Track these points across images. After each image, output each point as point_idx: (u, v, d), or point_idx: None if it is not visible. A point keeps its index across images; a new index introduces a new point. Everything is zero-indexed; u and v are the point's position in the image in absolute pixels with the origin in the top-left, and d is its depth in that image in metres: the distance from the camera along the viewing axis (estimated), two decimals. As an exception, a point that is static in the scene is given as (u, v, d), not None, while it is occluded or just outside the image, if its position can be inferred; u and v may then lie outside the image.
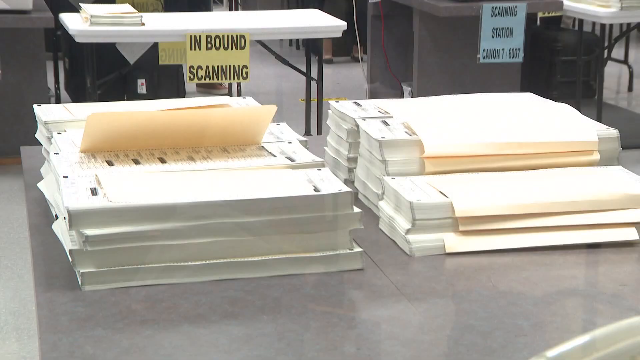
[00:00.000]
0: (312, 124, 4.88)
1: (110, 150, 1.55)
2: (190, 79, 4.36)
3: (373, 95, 5.52)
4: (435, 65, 4.90)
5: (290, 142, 1.65)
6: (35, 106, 1.81)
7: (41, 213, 1.59)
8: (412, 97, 5.08)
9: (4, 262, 3.70)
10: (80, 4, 4.50)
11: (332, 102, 1.80)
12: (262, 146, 1.62)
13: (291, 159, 1.56)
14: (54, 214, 1.53)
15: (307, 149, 1.63)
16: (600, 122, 1.75)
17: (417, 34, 4.91)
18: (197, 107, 1.72)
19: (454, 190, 1.48)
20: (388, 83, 5.48)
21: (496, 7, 4.57)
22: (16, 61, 4.57)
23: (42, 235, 1.49)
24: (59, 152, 1.55)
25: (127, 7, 4.49)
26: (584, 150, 1.63)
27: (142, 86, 5.37)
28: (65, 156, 1.53)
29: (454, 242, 1.44)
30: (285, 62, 4.85)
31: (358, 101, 1.85)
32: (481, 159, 1.59)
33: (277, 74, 6.59)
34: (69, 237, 1.35)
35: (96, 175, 1.42)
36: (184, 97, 5.67)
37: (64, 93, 5.67)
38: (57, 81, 5.56)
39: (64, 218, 1.31)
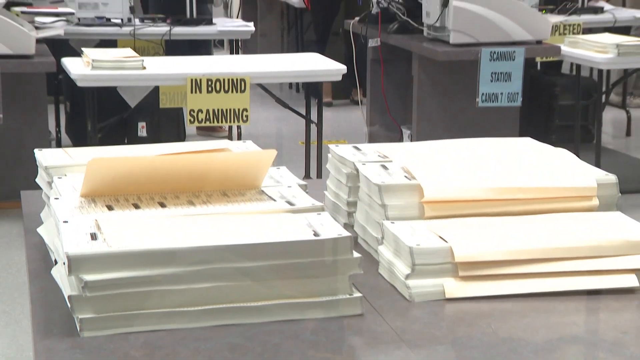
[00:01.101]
0: (312, 166, 4.89)
1: (110, 194, 1.56)
2: (191, 122, 4.38)
3: (372, 138, 5.54)
4: (434, 109, 4.92)
5: (290, 186, 1.65)
6: (36, 151, 1.81)
7: (40, 258, 1.59)
8: (411, 140, 5.10)
9: (1, 308, 3.68)
10: (83, 49, 4.53)
11: (332, 146, 1.81)
12: (262, 190, 1.63)
13: (291, 203, 1.56)
14: (53, 259, 1.53)
15: (306, 192, 1.63)
16: (599, 166, 1.76)
17: (417, 78, 4.94)
18: (197, 152, 1.73)
19: (454, 235, 1.48)
20: (387, 126, 5.51)
21: (495, 52, 4.61)
22: (18, 105, 4.60)
23: (41, 281, 1.49)
24: (59, 196, 1.56)
25: (128, 51, 4.53)
26: (582, 196, 1.63)
27: (142, 129, 5.39)
28: (66, 201, 1.53)
29: (454, 287, 1.44)
30: (285, 105, 4.87)
31: (357, 145, 1.86)
32: (481, 203, 1.59)
33: (277, 116, 6.62)
34: (68, 283, 1.35)
35: (96, 220, 1.42)
36: (184, 139, 5.68)
37: (64, 136, 5.69)
38: (57, 124, 5.58)
39: (64, 263, 1.30)
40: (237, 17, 6.70)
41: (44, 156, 1.78)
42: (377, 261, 1.57)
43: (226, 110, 4.36)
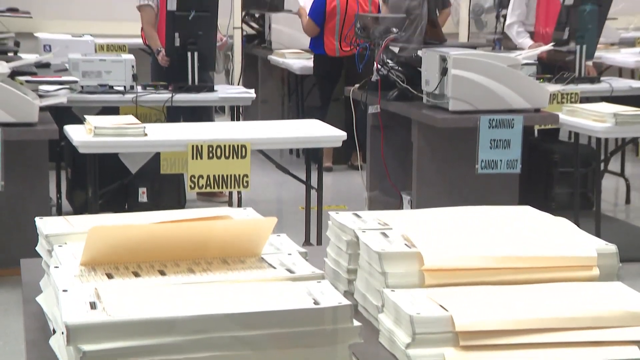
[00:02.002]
0: (312, 232, 4.89)
1: (110, 262, 1.56)
2: (191, 188, 4.39)
3: (372, 203, 5.55)
4: (434, 175, 4.94)
5: (290, 254, 1.65)
6: (37, 219, 1.82)
7: (39, 327, 1.58)
8: (411, 206, 5.10)
9: (-2, 376, 3.64)
10: (85, 116, 4.57)
11: (332, 214, 1.82)
12: (262, 258, 1.63)
13: (291, 271, 1.56)
14: (52, 329, 1.52)
15: (307, 260, 1.63)
16: (599, 234, 1.76)
17: (416, 144, 4.97)
18: (198, 219, 1.74)
19: (455, 304, 1.47)
20: (387, 191, 5.52)
21: (493, 120, 4.65)
22: (19, 172, 4.61)
23: (39, 350, 1.48)
24: (59, 265, 1.56)
25: (130, 118, 4.56)
26: (583, 266, 1.63)
27: (143, 195, 5.41)
28: (65, 269, 1.53)
29: (455, 357, 1.43)
30: (285, 170, 4.89)
31: (357, 212, 1.87)
32: (481, 272, 1.59)
33: (278, 181, 6.64)
34: (67, 353, 1.34)
35: (96, 289, 1.42)
36: (184, 204, 5.69)
37: (65, 202, 5.70)
38: (58, 191, 5.59)
39: (62, 333, 1.30)
40: (239, 84, 6.77)
41: (45, 224, 1.78)
42: (377, 330, 1.56)
43: (227, 176, 4.37)
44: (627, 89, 5.83)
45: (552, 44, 5.55)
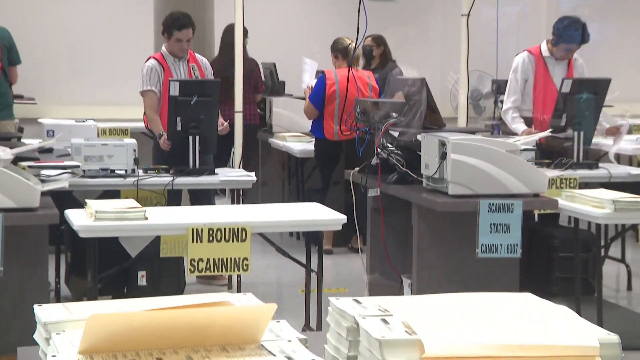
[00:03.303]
0: (312, 315, 4.85)
1: (109, 351, 1.54)
2: (191, 272, 4.38)
3: (372, 286, 5.53)
4: (434, 259, 4.93)
5: (290, 341, 1.64)
6: (35, 306, 1.81)
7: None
8: (411, 289, 5.08)
9: None
10: (86, 200, 4.59)
11: (332, 299, 1.81)
12: (262, 345, 1.61)
13: (290, 359, 1.55)
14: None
15: (306, 347, 1.62)
16: (601, 321, 1.75)
17: (416, 227, 4.97)
18: (197, 305, 1.73)
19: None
20: (387, 275, 5.50)
21: (493, 204, 4.66)
22: (18, 257, 4.59)
23: None
24: (56, 354, 1.54)
25: (131, 202, 4.58)
26: (585, 356, 1.61)
27: (142, 278, 5.39)
28: (63, 359, 1.51)
29: None
30: (285, 253, 4.89)
31: (358, 298, 1.86)
32: (482, 360, 1.58)
33: (277, 264, 6.62)
34: None
35: (93, 378, 1.41)
36: (184, 287, 5.66)
37: (63, 286, 5.67)
38: (57, 275, 5.57)
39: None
40: (239, 167, 6.81)
41: (43, 311, 1.77)
42: (378, 419, 1.54)
43: (227, 259, 4.37)
44: (626, 176, 5.87)
45: (549, 130, 5.61)
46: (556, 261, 5.70)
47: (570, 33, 6.24)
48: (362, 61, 7.79)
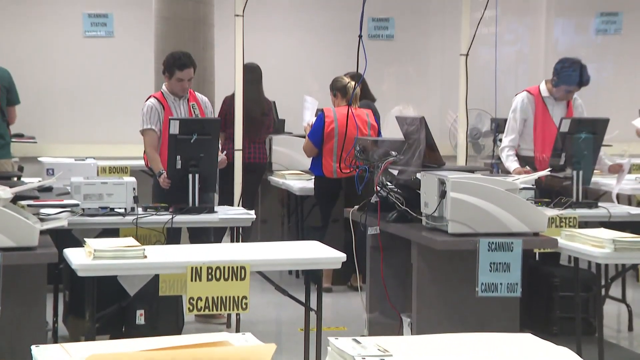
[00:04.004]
0: (311, 354, 4.82)
1: (107, 391, 1.53)
2: (190, 310, 4.36)
3: (372, 325, 5.50)
4: (434, 297, 4.91)
5: (289, 382, 1.63)
6: (33, 347, 1.80)
7: None
8: (411, 328, 5.05)
9: None
10: (85, 239, 4.58)
11: (332, 339, 1.80)
12: (261, 386, 1.60)
13: (290, 401, 1.54)
14: None
15: (306, 389, 1.61)
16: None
17: (416, 266, 4.96)
18: (196, 345, 1.72)
19: None
20: (387, 313, 5.47)
21: (493, 242, 4.66)
22: (16, 296, 4.56)
23: None
24: (55, 394, 1.53)
25: (130, 241, 4.57)
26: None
27: (140, 317, 5.36)
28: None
29: None
30: (284, 292, 4.87)
31: (357, 338, 1.85)
32: (482, 401, 1.57)
33: (276, 302, 6.59)
34: None
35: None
36: (182, 326, 5.63)
37: (61, 326, 5.63)
38: (55, 314, 5.54)
39: None
40: (239, 205, 6.82)
41: (41, 353, 1.76)
42: None
43: (226, 297, 4.35)
44: (626, 215, 5.87)
45: (547, 170, 5.63)
46: (556, 300, 5.67)
47: (570, 74, 6.30)
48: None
